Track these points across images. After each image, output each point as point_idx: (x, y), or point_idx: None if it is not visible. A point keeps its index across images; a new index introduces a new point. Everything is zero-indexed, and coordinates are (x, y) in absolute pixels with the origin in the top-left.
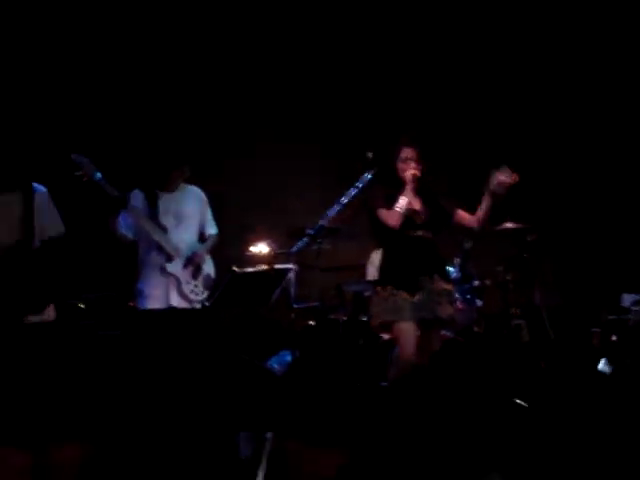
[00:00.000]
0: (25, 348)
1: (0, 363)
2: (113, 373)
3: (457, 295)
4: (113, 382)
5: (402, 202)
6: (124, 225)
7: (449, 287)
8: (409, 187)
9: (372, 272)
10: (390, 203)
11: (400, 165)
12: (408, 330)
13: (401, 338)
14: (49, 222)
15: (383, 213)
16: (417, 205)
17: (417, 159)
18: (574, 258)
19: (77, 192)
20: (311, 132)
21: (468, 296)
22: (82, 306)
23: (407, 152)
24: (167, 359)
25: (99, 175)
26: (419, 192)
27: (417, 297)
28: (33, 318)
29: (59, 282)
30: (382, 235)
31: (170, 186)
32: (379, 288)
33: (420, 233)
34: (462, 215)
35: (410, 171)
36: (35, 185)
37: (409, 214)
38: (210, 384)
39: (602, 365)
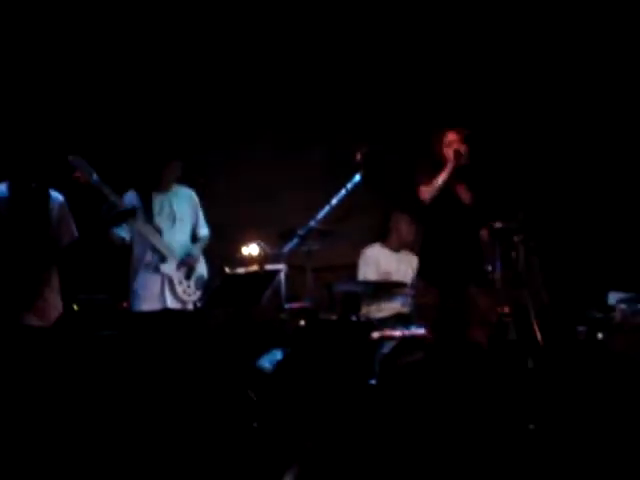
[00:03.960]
0: (21, 350)
1: None
2: (107, 374)
3: None
4: (108, 383)
5: (440, 178)
6: (121, 227)
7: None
8: (450, 165)
9: (363, 270)
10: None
11: (445, 150)
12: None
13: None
14: (65, 228)
15: (421, 189)
16: (462, 192)
17: (461, 141)
18: (561, 257)
19: (71, 192)
20: (302, 133)
21: None
22: (76, 308)
23: (451, 135)
24: (160, 360)
25: (96, 177)
26: (463, 178)
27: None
28: (34, 321)
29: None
30: (426, 221)
31: (163, 186)
32: (418, 278)
33: (461, 222)
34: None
35: (454, 146)
36: (52, 193)
37: (451, 200)
38: (203, 383)
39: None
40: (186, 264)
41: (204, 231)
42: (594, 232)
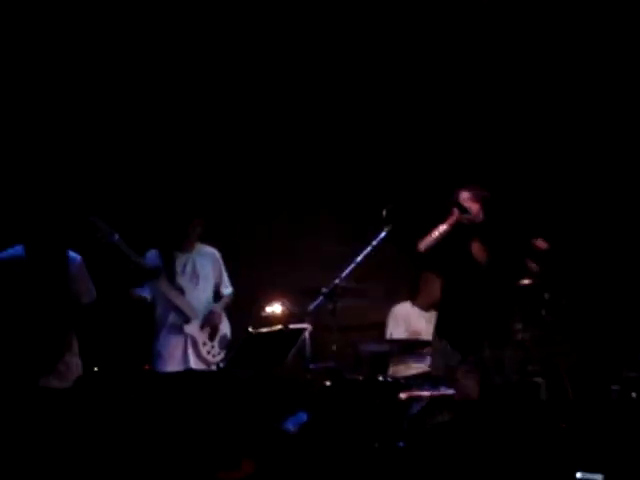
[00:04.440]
0: (41, 411)
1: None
2: (132, 436)
3: None
4: (130, 444)
5: (437, 230)
6: (140, 287)
7: (500, 354)
8: (451, 218)
9: (392, 328)
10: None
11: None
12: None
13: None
14: (84, 289)
15: (419, 241)
16: (482, 252)
17: (473, 200)
18: (593, 314)
19: (93, 253)
20: (326, 191)
21: None
22: (96, 369)
23: (463, 194)
24: (184, 421)
25: (117, 237)
26: (484, 239)
27: (470, 360)
28: (54, 383)
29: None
30: (444, 283)
31: (186, 245)
32: (436, 338)
33: (481, 285)
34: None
35: (465, 205)
36: (70, 253)
37: (472, 261)
38: (226, 444)
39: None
40: (209, 323)
41: (227, 290)
42: (628, 290)
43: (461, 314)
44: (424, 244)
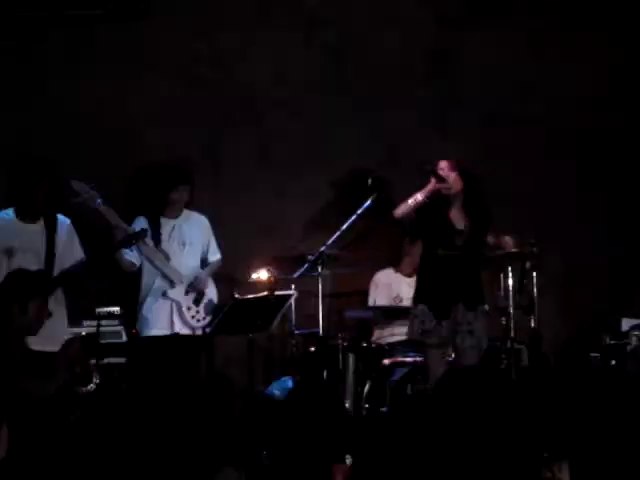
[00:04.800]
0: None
1: None
2: (116, 400)
3: None
4: (117, 409)
5: (413, 197)
6: (129, 252)
7: (472, 317)
8: (428, 187)
9: (374, 294)
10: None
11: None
12: (434, 355)
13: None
14: (73, 252)
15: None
16: (460, 220)
17: (451, 169)
18: (574, 283)
19: (75, 216)
20: (312, 158)
21: None
22: (84, 333)
23: (441, 164)
24: (168, 385)
25: (99, 201)
26: (463, 206)
27: (444, 324)
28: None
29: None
30: (423, 249)
31: (172, 211)
32: (413, 305)
33: (456, 252)
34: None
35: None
36: (59, 216)
37: (450, 230)
38: (211, 410)
39: None
40: (194, 289)
41: (215, 257)
42: (607, 259)
43: (438, 279)
44: (399, 210)
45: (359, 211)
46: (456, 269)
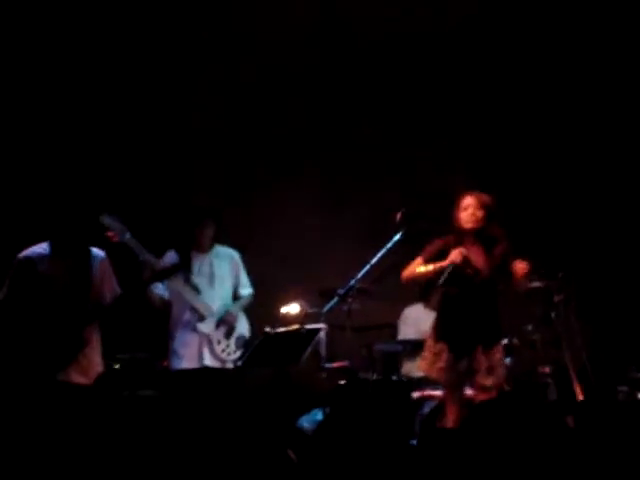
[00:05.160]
0: (61, 407)
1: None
2: (148, 433)
3: None
4: (149, 442)
5: (424, 270)
6: (159, 286)
7: (490, 356)
8: (443, 265)
9: (403, 329)
10: (436, 257)
11: (461, 214)
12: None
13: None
14: (108, 285)
15: (410, 265)
16: (479, 260)
17: (477, 207)
18: (601, 316)
19: (110, 252)
20: (344, 193)
21: None
22: (117, 367)
23: (467, 200)
24: (201, 419)
25: (129, 235)
26: (482, 244)
27: (462, 364)
28: (75, 378)
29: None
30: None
31: (200, 246)
32: (430, 341)
33: (476, 290)
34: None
35: (469, 211)
36: (94, 250)
37: (465, 271)
38: (242, 443)
39: None
40: (225, 323)
41: (246, 291)
42: (632, 291)
43: (457, 318)
44: (406, 276)
45: (389, 245)
46: (474, 309)
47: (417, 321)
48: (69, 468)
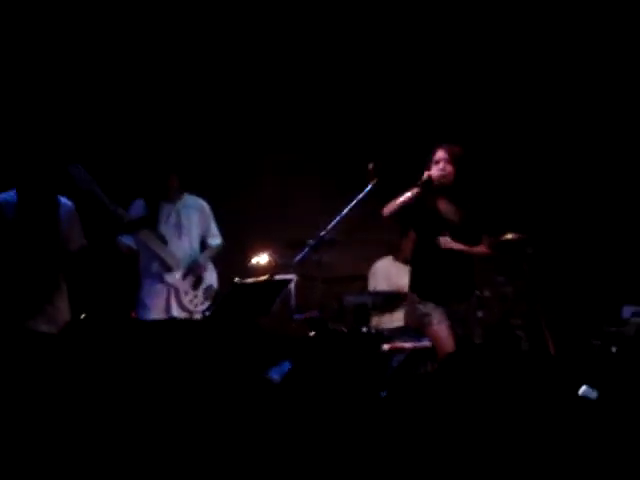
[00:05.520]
0: (28, 355)
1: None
2: (114, 383)
3: None
4: (113, 392)
5: (401, 198)
6: (126, 237)
7: (464, 308)
8: (416, 189)
9: (374, 283)
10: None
11: (432, 167)
12: (440, 331)
13: (436, 341)
14: (74, 235)
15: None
16: (451, 212)
17: (448, 161)
18: (575, 270)
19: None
20: (312, 144)
21: None
22: (83, 315)
23: (439, 154)
24: (166, 369)
25: (94, 186)
26: (454, 198)
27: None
28: (42, 327)
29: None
30: (416, 240)
31: (169, 196)
32: (409, 293)
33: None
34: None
35: (440, 164)
36: (62, 199)
37: (441, 220)
38: (209, 393)
39: (585, 391)
40: (192, 273)
41: (215, 241)
42: (608, 246)
43: (431, 270)
44: (388, 210)
45: (359, 196)
46: (448, 260)
47: (387, 274)
48: (35, 419)
